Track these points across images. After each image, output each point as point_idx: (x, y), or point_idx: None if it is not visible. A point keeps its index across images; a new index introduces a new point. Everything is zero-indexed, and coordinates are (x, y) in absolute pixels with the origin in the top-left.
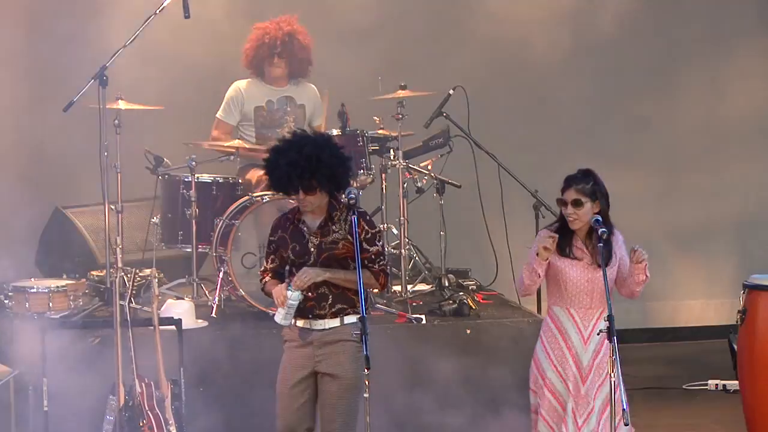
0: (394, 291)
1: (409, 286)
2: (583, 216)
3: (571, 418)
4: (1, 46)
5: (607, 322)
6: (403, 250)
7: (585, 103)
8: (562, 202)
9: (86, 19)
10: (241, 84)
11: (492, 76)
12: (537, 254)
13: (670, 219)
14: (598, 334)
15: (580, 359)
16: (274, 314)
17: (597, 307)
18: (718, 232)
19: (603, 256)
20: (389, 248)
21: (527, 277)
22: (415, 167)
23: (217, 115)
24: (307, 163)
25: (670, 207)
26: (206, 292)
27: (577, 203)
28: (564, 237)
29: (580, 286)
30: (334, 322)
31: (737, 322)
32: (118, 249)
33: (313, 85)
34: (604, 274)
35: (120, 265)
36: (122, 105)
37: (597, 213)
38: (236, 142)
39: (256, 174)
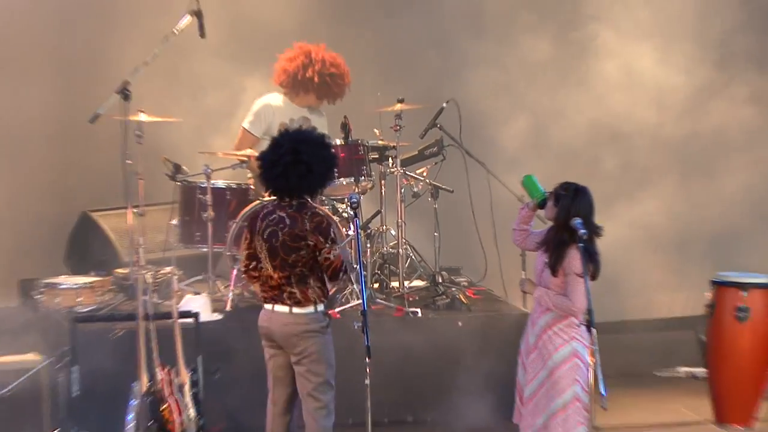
0: (393, 287)
1: (406, 283)
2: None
3: (524, 381)
4: (31, 61)
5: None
6: (400, 250)
7: (571, 113)
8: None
9: (110, 35)
10: (274, 100)
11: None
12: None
13: (642, 220)
14: (579, 326)
15: (529, 337)
16: None
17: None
18: (687, 233)
19: (584, 260)
20: (388, 248)
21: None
22: (411, 174)
23: (244, 125)
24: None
25: (643, 209)
26: (221, 287)
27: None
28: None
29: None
30: None
31: (706, 315)
32: (140, 249)
33: (325, 116)
34: (585, 276)
35: (142, 263)
36: (143, 117)
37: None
38: (248, 152)
39: None
